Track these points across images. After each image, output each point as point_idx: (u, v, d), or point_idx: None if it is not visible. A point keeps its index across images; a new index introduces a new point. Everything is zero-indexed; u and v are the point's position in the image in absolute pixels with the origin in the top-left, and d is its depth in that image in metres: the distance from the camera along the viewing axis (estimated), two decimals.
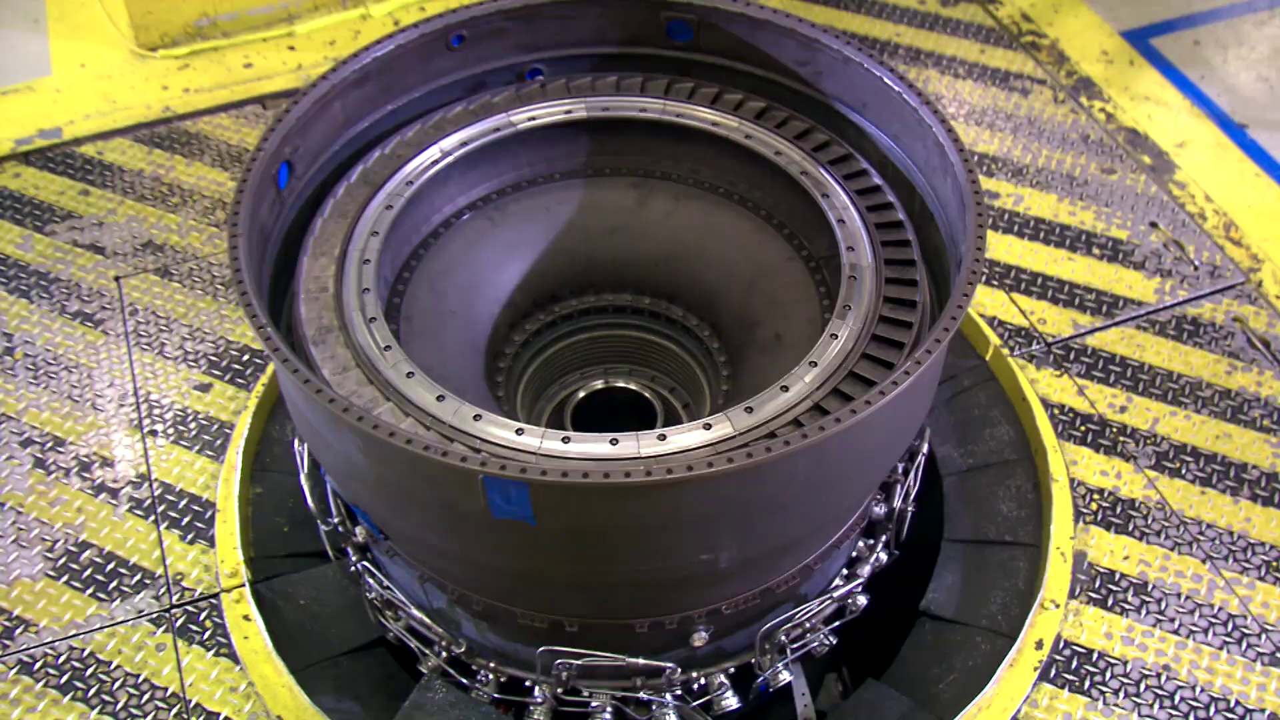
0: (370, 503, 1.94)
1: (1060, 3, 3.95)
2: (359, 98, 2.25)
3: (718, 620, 2.06)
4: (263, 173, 2.06)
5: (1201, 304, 3.11)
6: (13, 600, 2.67)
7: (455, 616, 2.17)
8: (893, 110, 2.16)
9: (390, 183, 2.23)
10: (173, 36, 3.98)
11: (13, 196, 3.51)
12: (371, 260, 2.11)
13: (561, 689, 2.14)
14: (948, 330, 1.77)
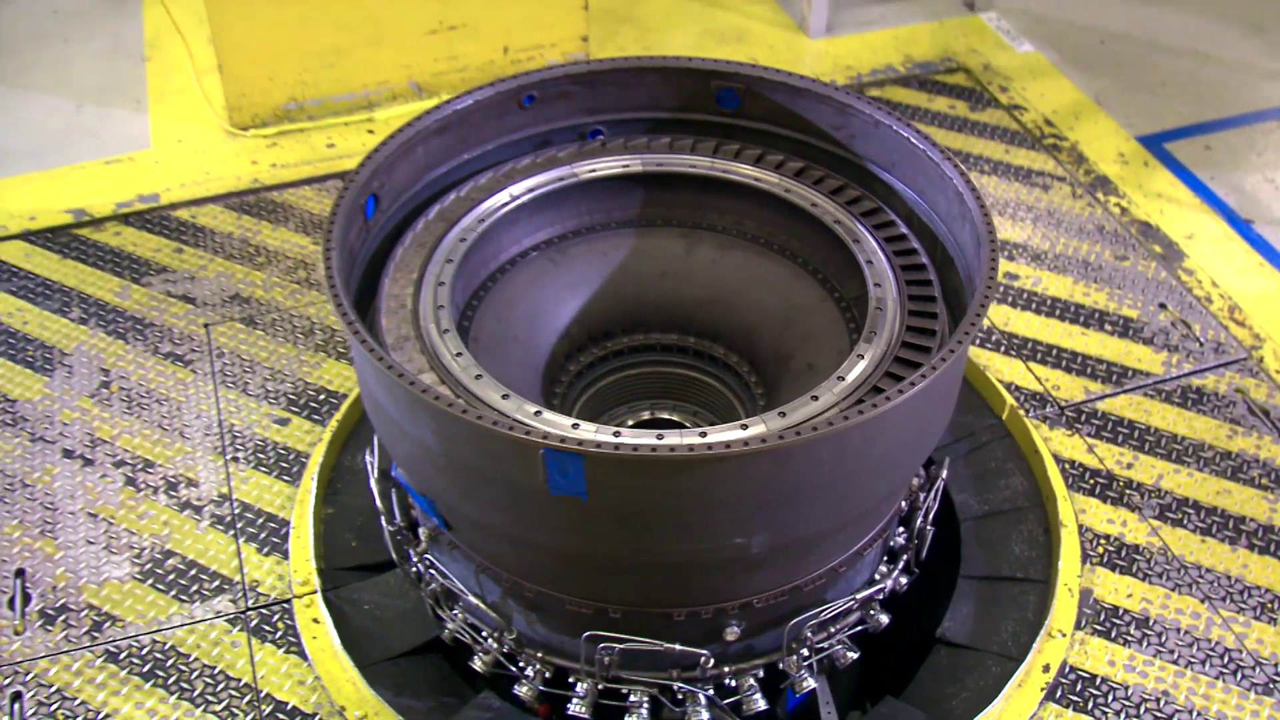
0: (439, 486, 2.19)
1: (1080, 110, 4.27)
2: (439, 145, 2.56)
3: (749, 615, 2.29)
4: (352, 202, 2.36)
5: (1206, 376, 3.35)
6: (102, 598, 2.93)
7: (507, 609, 2.40)
8: (918, 167, 2.45)
9: (464, 220, 2.52)
10: (263, 118, 4.35)
11: (113, 252, 3.84)
12: (446, 283, 2.39)
13: (603, 680, 2.35)
14: (968, 334, 2.02)
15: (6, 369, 3.47)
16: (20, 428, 3.31)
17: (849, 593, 2.40)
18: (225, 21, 4.16)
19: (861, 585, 2.47)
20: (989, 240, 2.19)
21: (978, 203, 2.25)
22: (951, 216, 2.38)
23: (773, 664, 2.45)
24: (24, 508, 3.12)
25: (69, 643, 2.84)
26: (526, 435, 1.91)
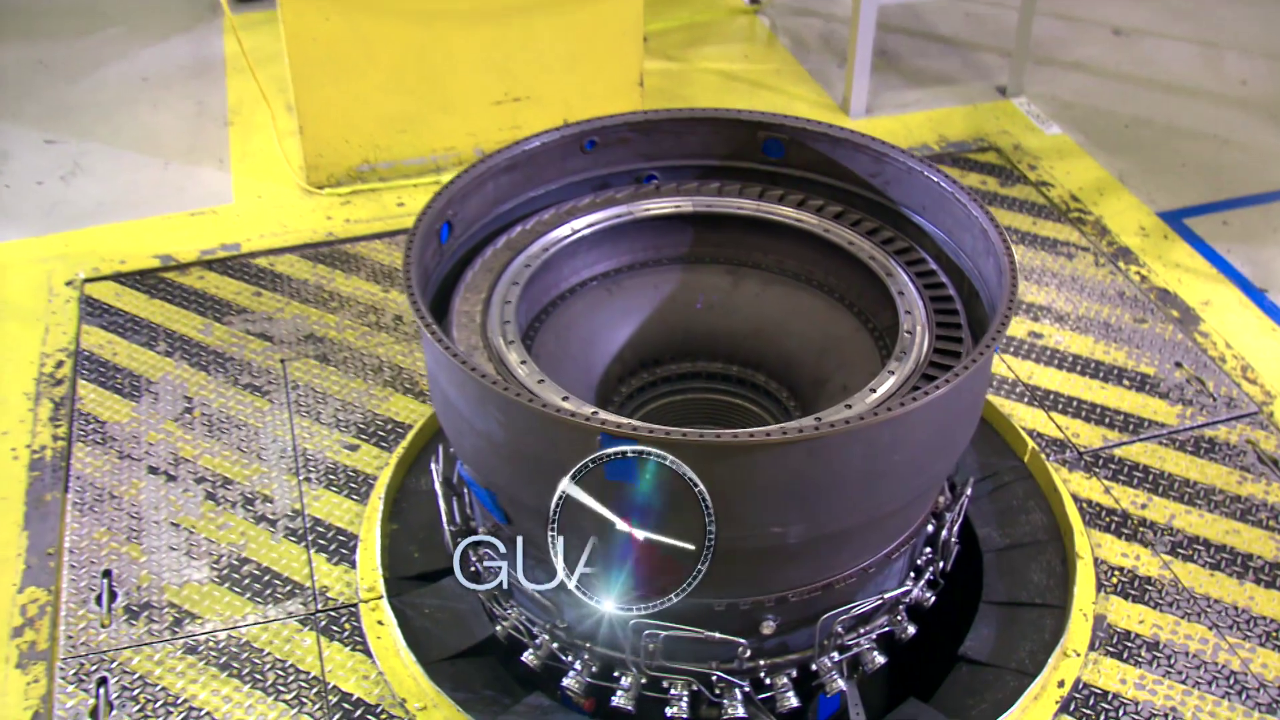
0: (502, 477, 2.43)
1: (1104, 187, 4.53)
2: (508, 182, 2.84)
3: (784, 610, 2.49)
4: (429, 226, 2.63)
5: (1218, 428, 3.56)
6: (183, 598, 3.16)
7: (559, 602, 2.62)
8: (946, 209, 2.71)
9: (529, 249, 2.79)
10: (338, 178, 4.67)
11: (197, 293, 4.13)
12: (512, 303, 2.66)
13: (646, 671, 2.56)
14: (992, 344, 2.26)
15: (98, 394, 3.75)
16: (109, 446, 3.58)
17: (878, 594, 2.60)
18: (308, 88, 4.50)
19: (890, 589, 2.68)
20: (1010, 269, 2.44)
21: (1000, 237, 2.50)
22: (977, 253, 2.63)
23: (805, 664, 2.65)
24: (111, 516, 3.38)
25: (151, 636, 3.08)
26: (586, 421, 2.15)
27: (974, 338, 2.64)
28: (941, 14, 5.86)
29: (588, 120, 2.85)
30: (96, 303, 4.11)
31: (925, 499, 2.63)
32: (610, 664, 2.64)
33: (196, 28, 5.91)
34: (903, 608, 2.74)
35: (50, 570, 3.25)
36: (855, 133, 2.79)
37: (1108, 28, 5.72)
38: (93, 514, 3.39)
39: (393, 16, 4.45)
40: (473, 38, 4.56)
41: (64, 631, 3.09)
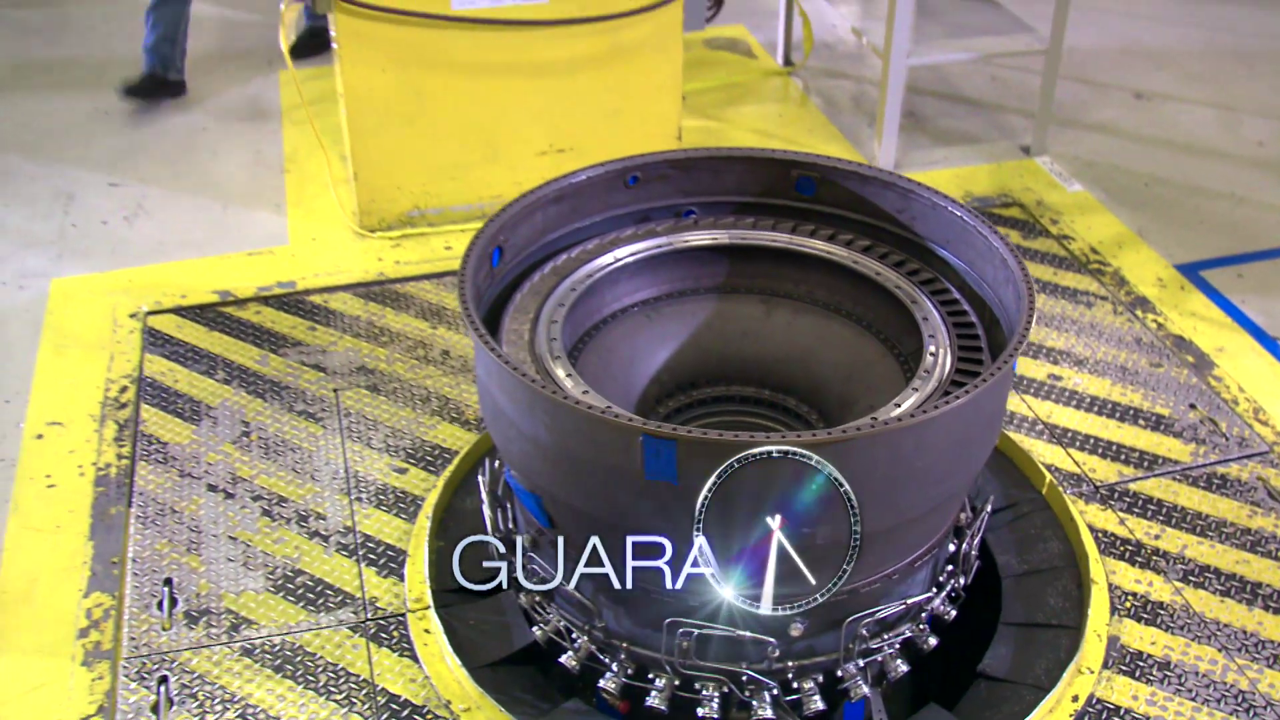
0: (547, 480, 2.60)
1: (1124, 241, 4.71)
2: (555, 212, 3.04)
3: (812, 612, 2.65)
4: (482, 248, 2.83)
5: (1230, 465, 3.71)
6: (240, 605, 3.34)
7: (598, 604, 2.78)
8: (969, 241, 2.89)
9: (574, 275, 2.99)
10: (388, 222, 4.90)
11: (254, 327, 4.35)
12: (558, 323, 2.85)
13: (680, 671, 2.71)
14: (1012, 355, 2.43)
15: (159, 417, 3.95)
16: (170, 465, 3.78)
17: (901, 600, 2.76)
18: (363, 136, 4.74)
19: (914, 595, 2.83)
20: (1028, 293, 2.61)
21: (1018, 264, 2.68)
22: (998, 282, 2.81)
23: (831, 669, 2.80)
24: (172, 530, 3.57)
25: (209, 639, 3.25)
26: (629, 422, 2.34)
27: (994, 361, 2.81)
28: (967, 78, 6.09)
29: (631, 157, 3.06)
30: (158, 334, 4.33)
31: (946, 509, 2.79)
32: (645, 665, 2.79)
33: (253, 82, 6.19)
34: (925, 616, 2.88)
35: (114, 577, 3.44)
36: (883, 170, 2.99)
37: (1129, 92, 5.94)
38: (155, 527, 3.58)
39: (445, 70, 4.69)
40: (520, 92, 4.80)
41: (127, 633, 3.27)
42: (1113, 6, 6.85)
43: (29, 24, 6.97)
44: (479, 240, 2.79)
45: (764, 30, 6.55)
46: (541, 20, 4.66)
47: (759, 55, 6.40)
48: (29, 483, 3.77)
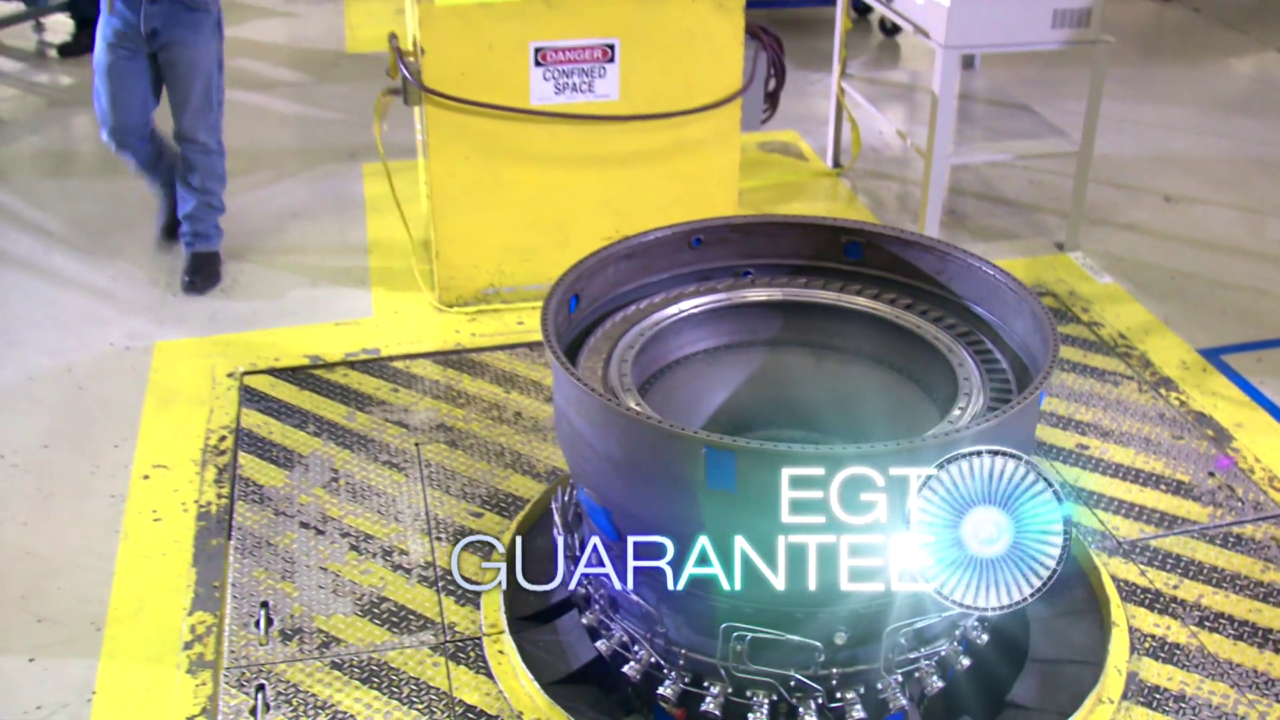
0: (618, 493, 2.93)
1: (1150, 328, 5.04)
2: (626, 268, 3.42)
3: (855, 621, 2.95)
4: (562, 295, 3.21)
5: (1245, 526, 3.99)
6: (330, 625, 3.67)
7: (659, 614, 3.09)
8: (1001, 297, 3.23)
9: (643, 323, 3.35)
10: (465, 299, 5.31)
11: (341, 387, 4.73)
12: (628, 362, 3.20)
13: (734, 675, 3.01)
14: (1039, 386, 2.76)
15: (255, 463, 4.32)
16: (266, 505, 4.14)
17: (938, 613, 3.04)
18: (445, 218, 5.17)
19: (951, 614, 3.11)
20: (1053, 336, 2.95)
21: (1045, 314, 3.03)
22: (1027, 333, 3.15)
23: (872, 682, 3.08)
24: (268, 560, 3.91)
25: (302, 654, 3.58)
26: (694, 434, 2.68)
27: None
28: (1006, 181, 6.48)
29: (695, 221, 3.45)
30: (254, 391, 4.72)
31: None
32: (701, 673, 3.09)
33: (338, 174, 6.67)
34: (958, 634, 3.17)
35: (215, 599, 3.78)
36: (923, 236, 3.36)
37: (1159, 195, 6.31)
38: (252, 557, 3.93)
39: (522, 160, 5.13)
40: (589, 181, 5.22)
41: (227, 647, 3.60)
42: (1146, 118, 7.26)
43: None
44: (559, 287, 3.17)
45: (815, 136, 7.00)
46: (611, 116, 5.10)
47: (810, 158, 6.83)
48: (137, 516, 4.14)
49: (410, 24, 5.07)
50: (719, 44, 5.13)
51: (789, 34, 5.96)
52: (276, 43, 8.92)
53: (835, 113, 6.57)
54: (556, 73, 5.00)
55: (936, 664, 3.14)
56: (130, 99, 5.32)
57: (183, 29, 5.23)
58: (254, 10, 9.53)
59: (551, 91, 5.03)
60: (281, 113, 7.62)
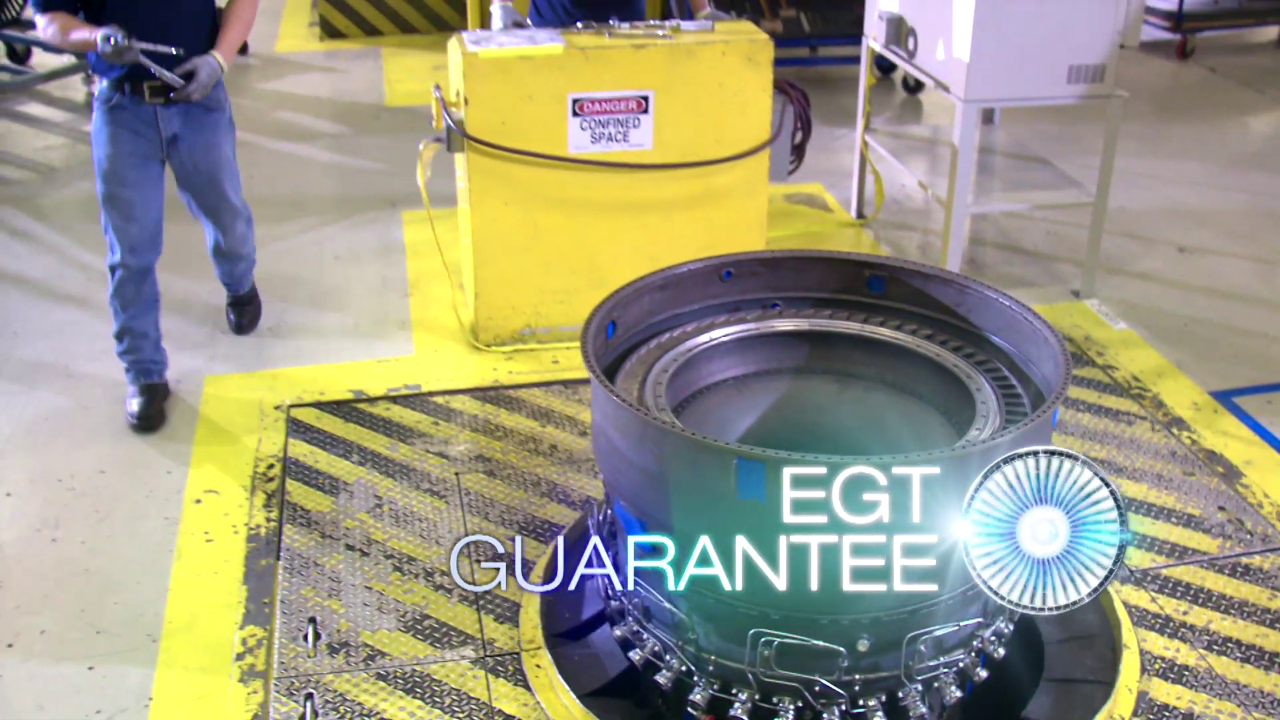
0: (653, 504, 3.12)
1: (1163, 371, 5.21)
2: (660, 298, 3.63)
3: (878, 628, 3.11)
4: (600, 320, 3.41)
5: (1254, 557, 4.14)
6: (375, 639, 3.85)
7: (690, 624, 3.26)
8: (1016, 327, 3.42)
9: (675, 350, 3.55)
10: (503, 339, 5.52)
11: (384, 420, 4.94)
12: (662, 384, 3.40)
13: (761, 679, 3.18)
14: (1053, 404, 2.95)
15: (302, 490, 4.52)
16: (313, 528, 4.33)
17: (957, 623, 3.20)
18: (484, 262, 5.40)
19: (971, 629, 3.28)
20: (1064, 360, 3.14)
21: (1058, 339, 3.22)
22: (1041, 359, 3.33)
23: (893, 690, 3.24)
24: (315, 579, 4.11)
25: (348, 666, 3.76)
26: (725, 445, 2.87)
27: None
28: (1024, 231, 6.69)
29: (726, 255, 3.66)
30: (300, 423, 4.94)
31: None
32: (729, 679, 3.26)
33: (379, 220, 6.93)
34: (976, 645, 3.32)
35: (265, 614, 3.97)
36: (943, 270, 3.57)
37: (1173, 246, 6.50)
38: (300, 576, 4.12)
39: (559, 206, 5.36)
40: (623, 227, 5.44)
41: (277, 658, 3.79)
42: (1162, 173, 7.47)
43: None
44: (597, 313, 3.38)
45: (839, 188, 7.23)
46: (645, 164, 5.33)
47: (834, 209, 7.06)
48: (189, 537, 4.35)
49: (453, 75, 5.32)
50: (748, 97, 5.37)
51: (815, 91, 6.20)
52: (319, 96, 9.23)
53: (859, 165, 6.79)
54: (593, 123, 5.25)
55: (955, 675, 3.29)
56: (151, 210, 4.90)
57: (205, 131, 4.89)
58: (297, 66, 9.87)
59: (588, 140, 5.27)
60: (324, 162, 7.89)
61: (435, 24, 10.60)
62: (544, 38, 5.25)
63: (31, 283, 6.33)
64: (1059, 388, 3.04)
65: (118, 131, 4.78)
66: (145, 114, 4.73)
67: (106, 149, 4.81)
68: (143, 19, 4.53)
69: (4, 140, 8.55)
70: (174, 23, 4.63)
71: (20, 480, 4.73)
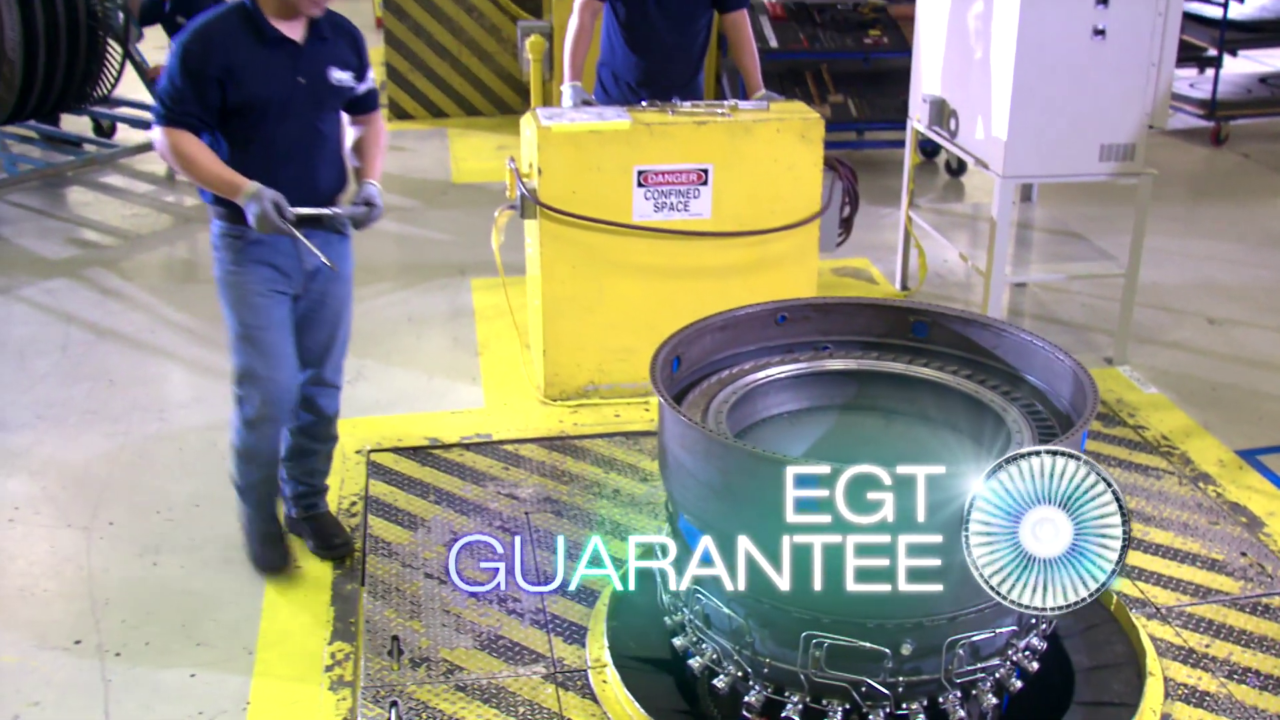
0: (716, 516, 3.46)
1: (1191, 431, 5.52)
2: (720, 338, 3.99)
3: (919, 634, 3.39)
4: (667, 355, 3.77)
5: (1274, 597, 4.42)
6: (453, 656, 4.18)
7: (747, 629, 3.56)
8: (1049, 366, 3.75)
9: (734, 385, 3.90)
10: (568, 394, 5.90)
11: (458, 465, 5.31)
12: (722, 414, 3.75)
13: (812, 678, 3.48)
14: (1082, 427, 3.28)
15: (383, 524, 4.88)
16: (393, 559, 4.69)
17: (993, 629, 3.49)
18: (552, 321, 5.79)
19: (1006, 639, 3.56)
20: (1093, 391, 3.47)
21: (1088, 377, 3.55)
22: (1072, 394, 3.66)
23: (934, 696, 3.53)
24: (397, 603, 4.45)
25: (429, 678, 4.09)
26: (783, 459, 3.22)
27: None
28: (1060, 303, 7.03)
29: (781, 300, 4.04)
30: (380, 466, 5.31)
31: None
32: (782, 683, 3.56)
33: (449, 287, 7.36)
34: (1012, 655, 3.60)
35: (352, 632, 4.32)
36: (982, 315, 3.92)
37: (1204, 318, 6.82)
38: (383, 600, 4.47)
39: (623, 271, 5.76)
40: (682, 290, 5.82)
41: (364, 670, 4.13)
42: (1195, 251, 7.81)
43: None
44: (664, 348, 3.75)
45: (884, 262, 7.61)
46: (704, 232, 5.73)
47: (880, 281, 7.43)
48: None
49: (528, 148, 5.75)
50: (800, 171, 5.77)
51: (862, 173, 6.58)
52: (389, 173, 9.66)
53: (903, 240, 7.17)
54: (656, 193, 5.66)
55: (992, 684, 3.58)
56: (288, 350, 4.47)
57: (343, 260, 4.49)
58: None
59: (651, 209, 5.68)
60: (397, 233, 8.36)
61: (498, 107, 11.13)
62: (612, 114, 5.69)
63: (125, 336, 6.79)
64: (1088, 413, 3.37)
65: (257, 266, 4.31)
66: (285, 244, 4.28)
67: (247, 284, 4.34)
68: (290, 152, 4.24)
69: (92, 209, 9.08)
70: (320, 158, 4.36)
71: (121, 511, 5.12)
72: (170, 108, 4.06)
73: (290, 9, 4.10)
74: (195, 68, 4.02)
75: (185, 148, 4.07)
